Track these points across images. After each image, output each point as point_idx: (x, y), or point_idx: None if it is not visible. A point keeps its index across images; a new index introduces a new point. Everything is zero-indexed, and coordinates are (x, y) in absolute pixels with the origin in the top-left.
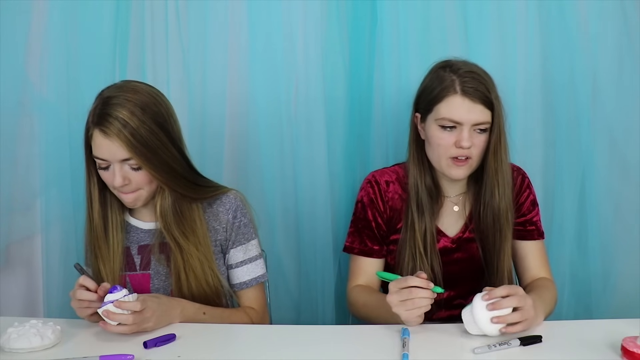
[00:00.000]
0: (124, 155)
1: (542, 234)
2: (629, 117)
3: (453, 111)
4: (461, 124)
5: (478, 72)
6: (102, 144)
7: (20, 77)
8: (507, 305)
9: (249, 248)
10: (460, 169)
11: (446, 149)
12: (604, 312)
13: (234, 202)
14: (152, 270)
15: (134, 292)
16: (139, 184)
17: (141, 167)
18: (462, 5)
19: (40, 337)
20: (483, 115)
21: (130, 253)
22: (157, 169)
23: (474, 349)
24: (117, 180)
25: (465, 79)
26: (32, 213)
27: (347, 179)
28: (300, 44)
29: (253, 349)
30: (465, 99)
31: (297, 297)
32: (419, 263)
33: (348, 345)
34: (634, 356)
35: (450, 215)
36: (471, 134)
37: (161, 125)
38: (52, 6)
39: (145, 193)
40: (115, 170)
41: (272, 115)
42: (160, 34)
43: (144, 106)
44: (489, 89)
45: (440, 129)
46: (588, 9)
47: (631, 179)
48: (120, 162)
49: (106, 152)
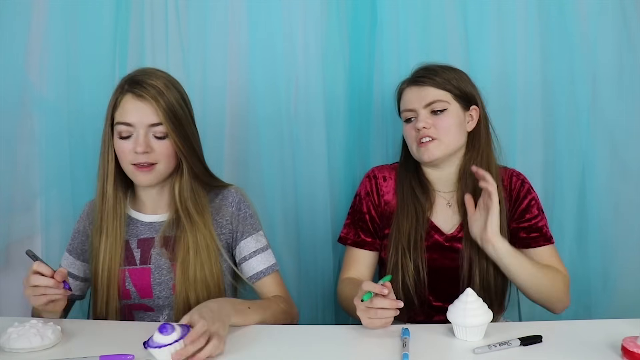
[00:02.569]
0: (155, 119)
1: (549, 239)
2: (629, 117)
3: (406, 102)
4: (415, 111)
5: (437, 64)
6: (134, 107)
7: (20, 77)
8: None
9: (258, 238)
10: (428, 150)
11: (412, 137)
12: (603, 311)
13: (236, 195)
14: (153, 264)
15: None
16: (160, 156)
17: (167, 136)
18: (462, 5)
19: (41, 337)
20: (433, 94)
21: (130, 247)
22: (182, 141)
23: (474, 349)
24: (141, 145)
25: (416, 72)
26: (32, 213)
27: (346, 177)
28: (300, 44)
29: (253, 349)
30: (413, 87)
31: (297, 297)
32: (401, 258)
33: (348, 345)
34: (634, 356)
35: (444, 211)
36: (428, 116)
37: (186, 103)
38: (52, 6)
39: (162, 168)
40: (139, 136)
41: (272, 115)
42: (160, 34)
43: (174, 82)
44: (441, 72)
45: (406, 123)
46: (588, 9)
47: (631, 179)
48: (147, 128)
49: (136, 116)
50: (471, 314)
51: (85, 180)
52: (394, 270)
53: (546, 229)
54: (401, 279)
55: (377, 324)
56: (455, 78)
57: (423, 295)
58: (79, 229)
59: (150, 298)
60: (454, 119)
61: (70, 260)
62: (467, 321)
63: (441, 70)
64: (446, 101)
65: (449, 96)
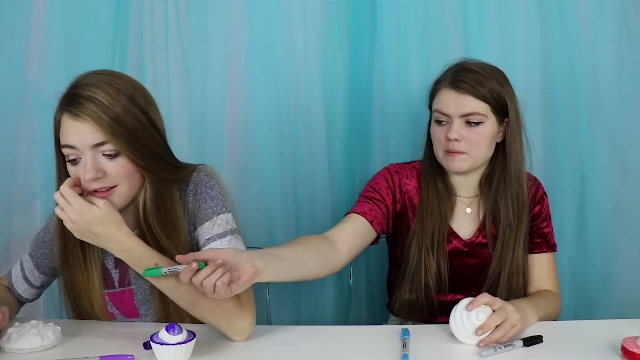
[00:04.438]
0: (98, 138)
1: (552, 246)
2: (629, 116)
3: (441, 104)
4: (450, 116)
5: (481, 69)
6: (71, 128)
7: (20, 77)
8: (492, 325)
9: (217, 222)
10: (455, 162)
11: (440, 143)
12: (604, 312)
13: (197, 177)
14: (134, 285)
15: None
16: (116, 177)
17: (119, 154)
18: (462, 5)
19: (41, 337)
20: (471, 105)
21: (107, 267)
22: (138, 154)
23: (480, 352)
24: (89, 172)
25: (459, 73)
26: (32, 213)
27: (347, 178)
28: (300, 44)
29: (253, 349)
30: (452, 91)
31: (297, 297)
32: (424, 257)
33: (348, 345)
34: (634, 356)
35: (464, 217)
36: (462, 127)
37: (140, 107)
38: (52, 6)
39: (124, 190)
40: (86, 161)
41: (272, 115)
42: (160, 34)
43: (119, 85)
44: (485, 84)
45: (436, 124)
46: (588, 9)
47: (631, 179)
48: (92, 149)
49: (76, 137)
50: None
51: None
52: (416, 269)
53: (551, 235)
54: (424, 279)
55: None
56: (497, 89)
57: (444, 297)
58: (44, 240)
59: (137, 317)
60: (488, 133)
61: (30, 267)
62: (470, 328)
63: (484, 78)
64: (484, 114)
65: (487, 109)
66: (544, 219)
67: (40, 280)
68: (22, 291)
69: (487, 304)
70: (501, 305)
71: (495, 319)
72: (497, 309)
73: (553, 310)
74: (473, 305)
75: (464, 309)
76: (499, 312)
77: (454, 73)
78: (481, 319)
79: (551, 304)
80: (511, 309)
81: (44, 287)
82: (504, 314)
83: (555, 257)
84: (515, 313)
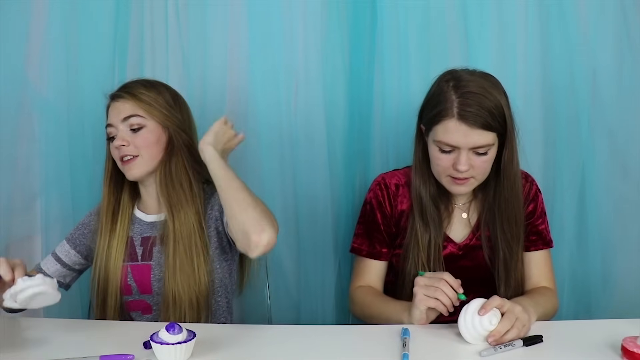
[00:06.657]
0: (127, 112)
1: (548, 242)
2: (629, 117)
3: (449, 135)
4: (458, 148)
5: (482, 89)
6: (112, 109)
7: (20, 77)
8: (503, 332)
9: None
10: (462, 187)
11: (445, 169)
12: (603, 311)
13: None
14: (154, 261)
15: (134, 283)
16: (139, 147)
17: (143, 127)
18: (462, 6)
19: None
20: (482, 138)
21: (134, 244)
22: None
23: (480, 351)
24: (118, 139)
25: (465, 101)
26: (32, 213)
27: (347, 179)
28: (300, 44)
29: (253, 349)
30: (462, 124)
31: (297, 297)
32: (420, 270)
33: (348, 345)
34: (634, 356)
35: (458, 222)
36: (470, 156)
37: (176, 105)
38: (52, 6)
39: (145, 159)
40: (118, 132)
41: (272, 116)
42: (160, 34)
43: (159, 86)
44: (491, 110)
45: (439, 151)
46: (588, 9)
47: (631, 179)
48: (121, 123)
49: (113, 116)
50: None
51: (85, 181)
52: (413, 283)
53: (546, 232)
54: None
55: (430, 303)
56: (500, 110)
57: None
58: (84, 222)
59: (150, 294)
60: (493, 156)
61: (66, 248)
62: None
63: (487, 100)
64: (492, 144)
65: (495, 137)
66: (539, 216)
67: (73, 260)
68: (52, 272)
69: (496, 306)
70: (510, 307)
71: (505, 325)
72: (506, 312)
73: (551, 307)
74: (485, 310)
75: (475, 312)
76: (508, 315)
77: (461, 100)
78: (494, 324)
79: (549, 302)
80: (519, 310)
81: (73, 270)
82: (513, 317)
83: (551, 253)
84: (524, 313)
